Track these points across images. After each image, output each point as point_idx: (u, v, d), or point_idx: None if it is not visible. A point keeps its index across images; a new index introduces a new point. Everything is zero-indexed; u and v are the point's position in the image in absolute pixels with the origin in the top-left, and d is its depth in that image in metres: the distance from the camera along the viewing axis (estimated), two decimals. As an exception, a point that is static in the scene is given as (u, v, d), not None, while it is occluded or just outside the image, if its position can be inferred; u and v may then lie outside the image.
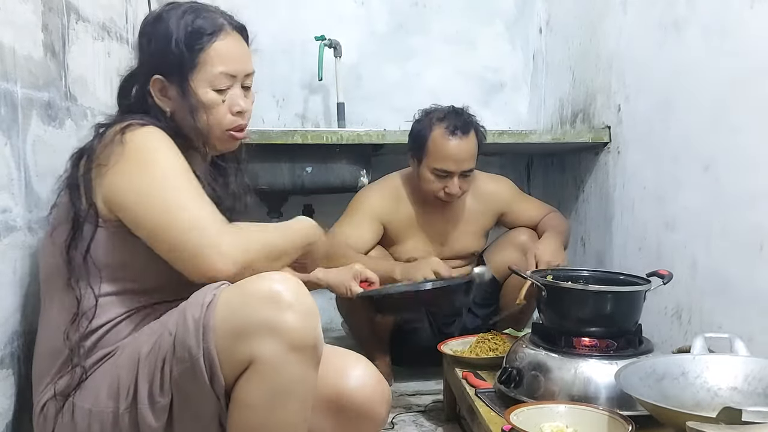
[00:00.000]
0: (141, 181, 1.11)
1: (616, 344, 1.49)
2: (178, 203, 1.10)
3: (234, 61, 1.23)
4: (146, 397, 1.07)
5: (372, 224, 2.12)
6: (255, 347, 1.01)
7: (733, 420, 0.98)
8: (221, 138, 1.25)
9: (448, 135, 1.99)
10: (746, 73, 1.53)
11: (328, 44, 2.79)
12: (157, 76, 1.21)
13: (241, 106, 1.24)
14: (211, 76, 1.21)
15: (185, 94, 1.20)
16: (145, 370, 1.07)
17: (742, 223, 1.54)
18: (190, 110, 1.20)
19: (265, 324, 1.01)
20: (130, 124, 1.14)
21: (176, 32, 1.19)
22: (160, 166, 1.12)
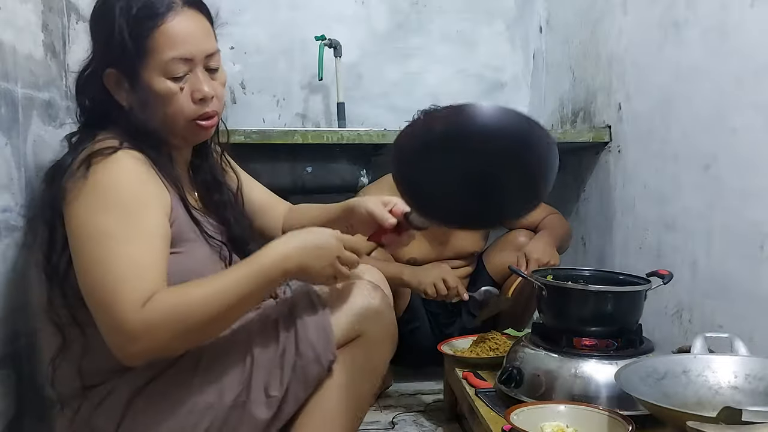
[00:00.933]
0: (85, 228, 1.02)
1: (616, 344, 1.49)
2: (99, 272, 0.99)
3: (188, 42, 1.09)
4: (262, 392, 1.10)
5: None
6: (364, 326, 1.17)
7: (734, 420, 0.98)
8: (187, 129, 1.14)
9: None
10: (746, 73, 1.52)
11: (328, 44, 2.79)
12: (110, 70, 1.10)
13: (202, 92, 1.11)
14: (162, 64, 1.08)
15: (136, 86, 1.09)
16: (260, 366, 1.11)
17: (742, 223, 1.54)
18: (146, 103, 1.10)
19: (373, 310, 1.19)
20: (98, 152, 1.04)
21: (118, 18, 1.07)
22: (109, 217, 1.01)
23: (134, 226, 1.02)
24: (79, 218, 1.02)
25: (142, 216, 1.03)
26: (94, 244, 1.00)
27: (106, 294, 0.99)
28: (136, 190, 1.04)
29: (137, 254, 1.01)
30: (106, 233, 1.00)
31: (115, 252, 1.00)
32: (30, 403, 1.26)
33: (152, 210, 1.05)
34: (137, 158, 1.07)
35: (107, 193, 1.02)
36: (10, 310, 1.21)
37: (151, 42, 1.07)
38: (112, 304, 0.98)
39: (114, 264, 0.99)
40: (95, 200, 1.02)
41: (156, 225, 1.05)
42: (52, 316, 1.08)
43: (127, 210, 1.02)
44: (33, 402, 1.27)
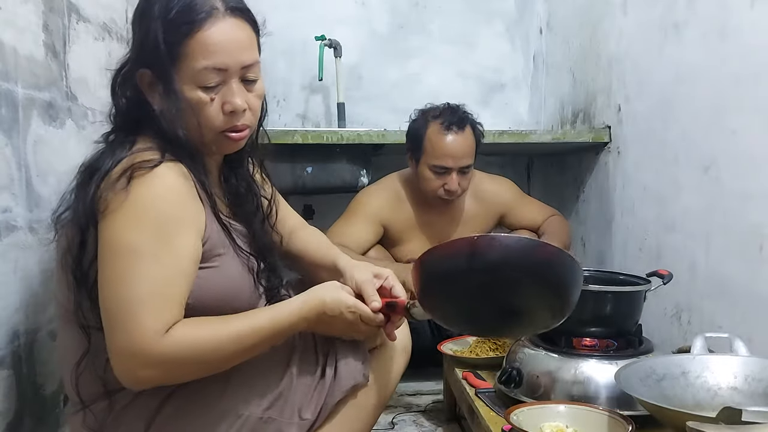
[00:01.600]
0: (115, 241, 0.98)
1: (616, 344, 1.49)
2: (123, 288, 0.97)
3: (223, 52, 1.04)
4: (296, 414, 1.12)
5: (371, 225, 2.12)
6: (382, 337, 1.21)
7: (733, 420, 0.98)
8: (215, 140, 1.10)
9: (444, 131, 2.00)
10: (746, 74, 1.53)
11: (328, 44, 2.79)
12: (145, 70, 1.06)
13: (233, 104, 1.06)
14: (193, 72, 1.03)
15: (168, 91, 1.04)
16: (298, 387, 1.13)
17: (742, 224, 1.54)
18: (176, 110, 1.04)
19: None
20: (140, 164, 1.00)
21: (155, 19, 1.03)
22: (142, 234, 0.98)
23: (166, 247, 0.99)
24: (113, 232, 0.99)
25: (176, 237, 1.01)
26: (121, 259, 0.98)
27: (126, 314, 0.97)
28: (174, 210, 1.01)
29: (164, 277, 0.99)
30: (136, 251, 0.98)
31: (142, 271, 0.98)
32: (30, 403, 1.26)
33: (187, 231, 1.03)
34: (178, 173, 1.03)
35: (146, 211, 0.99)
36: (10, 310, 1.21)
37: (185, 48, 1.03)
38: (132, 327, 0.96)
39: (138, 284, 0.97)
40: (132, 216, 0.98)
41: (188, 247, 1.02)
42: (79, 319, 1.06)
43: (162, 230, 0.99)
44: (33, 402, 1.27)
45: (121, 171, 1.00)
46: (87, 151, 1.51)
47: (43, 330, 1.33)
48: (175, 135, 1.05)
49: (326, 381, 1.15)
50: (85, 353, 1.07)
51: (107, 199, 0.98)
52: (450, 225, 2.20)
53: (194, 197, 1.05)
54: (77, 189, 1.06)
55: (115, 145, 1.08)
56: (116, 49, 1.73)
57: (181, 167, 1.05)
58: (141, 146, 1.06)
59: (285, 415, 1.12)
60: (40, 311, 1.31)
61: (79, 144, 1.48)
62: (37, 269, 1.30)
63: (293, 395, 1.13)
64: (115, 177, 0.99)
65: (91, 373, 1.08)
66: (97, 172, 1.02)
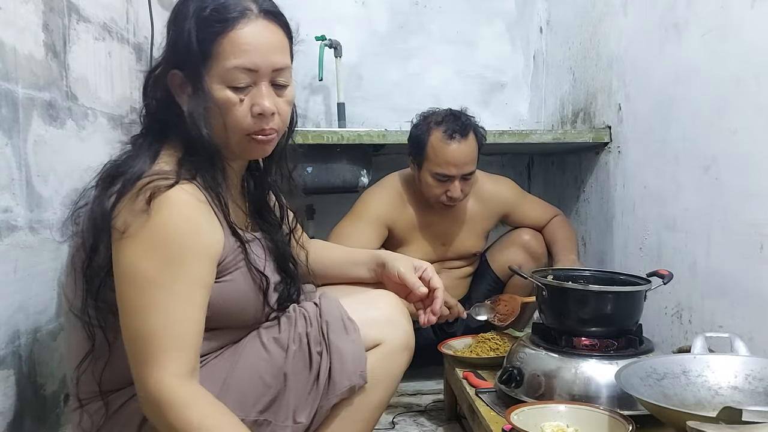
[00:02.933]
0: (138, 272, 0.98)
1: (616, 344, 1.49)
2: (144, 319, 0.98)
3: (255, 53, 1.04)
4: (290, 417, 1.12)
5: (376, 228, 2.11)
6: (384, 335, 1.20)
7: (734, 419, 0.98)
8: (241, 143, 1.09)
9: (447, 139, 1.98)
10: (746, 74, 1.53)
11: (328, 44, 2.79)
12: (175, 71, 1.06)
13: (262, 106, 1.05)
14: (224, 71, 1.03)
15: (198, 91, 1.04)
16: (292, 390, 1.13)
17: (742, 223, 1.54)
18: (204, 110, 1.04)
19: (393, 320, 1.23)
20: (158, 186, 0.99)
21: (190, 18, 1.03)
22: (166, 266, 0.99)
23: (183, 280, 1.00)
24: (129, 258, 0.99)
25: (191, 269, 1.01)
26: (139, 290, 0.98)
27: (146, 351, 0.98)
28: (190, 241, 1.01)
29: (183, 314, 1.00)
30: (152, 281, 0.98)
31: (160, 306, 0.98)
32: (30, 403, 1.26)
33: (202, 262, 1.03)
34: (194, 197, 1.03)
35: (163, 241, 0.99)
36: (11, 310, 1.21)
37: (217, 47, 1.03)
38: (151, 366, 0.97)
39: (157, 320, 0.98)
40: (148, 244, 0.98)
41: (203, 277, 1.03)
42: (84, 318, 1.07)
43: (178, 262, 0.99)
44: (33, 402, 1.28)
45: (139, 189, 0.99)
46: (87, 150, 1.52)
47: (43, 330, 1.33)
48: (200, 137, 1.05)
49: (321, 384, 1.14)
50: (88, 353, 1.08)
51: (127, 221, 0.98)
52: (452, 226, 2.20)
53: (211, 221, 1.05)
54: (98, 190, 1.05)
55: (141, 151, 1.07)
56: (116, 49, 1.73)
57: (196, 188, 1.04)
58: (163, 159, 1.06)
59: (279, 418, 1.12)
60: (40, 311, 1.31)
61: (79, 144, 1.48)
62: (37, 269, 1.30)
63: (288, 398, 1.13)
64: (134, 195, 0.99)
65: (90, 373, 1.09)
66: (119, 180, 1.02)
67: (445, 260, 2.22)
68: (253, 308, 1.14)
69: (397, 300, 1.27)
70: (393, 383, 1.25)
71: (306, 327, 1.17)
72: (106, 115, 1.65)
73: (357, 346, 1.17)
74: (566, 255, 2.11)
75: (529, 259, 2.18)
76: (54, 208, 1.36)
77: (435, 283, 1.28)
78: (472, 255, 2.26)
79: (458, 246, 2.22)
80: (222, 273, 1.08)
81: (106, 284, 1.03)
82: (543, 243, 2.22)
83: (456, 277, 2.24)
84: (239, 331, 1.16)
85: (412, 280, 1.26)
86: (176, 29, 1.06)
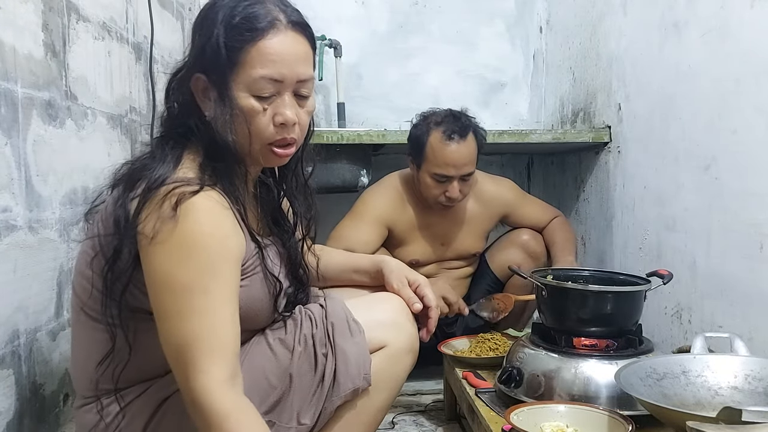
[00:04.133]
0: (172, 279, 0.99)
1: (616, 344, 1.49)
2: (191, 329, 0.98)
3: (281, 63, 1.05)
4: (294, 418, 1.13)
5: (377, 228, 2.11)
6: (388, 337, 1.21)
7: (733, 420, 0.98)
8: (262, 152, 1.10)
9: (446, 140, 1.97)
10: (746, 74, 1.52)
11: (328, 44, 2.79)
12: (200, 75, 1.07)
13: (285, 116, 1.06)
14: (250, 80, 1.04)
15: (222, 97, 1.05)
16: (297, 391, 1.13)
17: (742, 223, 1.54)
18: (227, 117, 1.05)
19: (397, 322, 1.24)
20: (182, 193, 1.00)
21: (219, 24, 1.04)
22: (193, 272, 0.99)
23: (220, 286, 1.01)
24: (163, 265, 0.99)
25: (225, 276, 1.02)
26: (176, 296, 0.99)
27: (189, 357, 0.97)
28: (221, 248, 1.02)
29: (222, 320, 1.00)
30: (190, 289, 0.99)
31: (199, 312, 0.99)
32: (30, 403, 1.26)
33: (232, 269, 1.04)
34: (219, 203, 1.03)
35: (197, 250, 0.99)
36: (10, 309, 1.21)
37: (244, 55, 1.04)
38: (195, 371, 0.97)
39: (196, 325, 0.98)
40: (182, 252, 0.99)
41: (234, 281, 1.04)
42: (105, 319, 1.07)
43: (213, 270, 1.00)
44: (33, 402, 1.28)
45: (165, 195, 1.00)
46: (86, 150, 1.52)
47: (43, 330, 1.33)
48: (224, 143, 1.05)
49: (325, 385, 1.14)
50: (108, 353, 1.08)
51: (156, 227, 0.98)
52: (452, 226, 2.20)
53: (235, 226, 1.06)
54: (118, 191, 1.06)
55: (163, 154, 1.08)
56: (116, 49, 1.73)
57: (219, 195, 1.04)
58: (186, 164, 1.07)
59: (283, 419, 1.13)
60: (39, 311, 1.31)
61: (78, 143, 1.48)
62: (36, 269, 1.30)
63: (292, 399, 1.13)
64: (159, 201, 0.99)
65: (109, 372, 1.10)
66: (141, 182, 1.03)
67: (444, 260, 2.22)
68: (265, 313, 1.15)
69: (402, 303, 1.28)
70: (396, 386, 1.25)
71: (312, 329, 1.17)
72: (106, 115, 1.65)
73: (361, 348, 1.17)
74: (564, 256, 2.11)
75: (528, 260, 2.18)
76: (53, 207, 1.36)
77: (428, 301, 1.28)
78: (472, 255, 2.26)
79: (458, 246, 2.22)
80: (241, 277, 1.08)
81: (128, 288, 1.04)
82: (542, 243, 2.22)
83: (455, 277, 2.23)
84: (247, 333, 1.15)
85: (408, 295, 1.28)
86: (203, 34, 1.06)
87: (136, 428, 1.10)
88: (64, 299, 1.41)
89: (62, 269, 1.40)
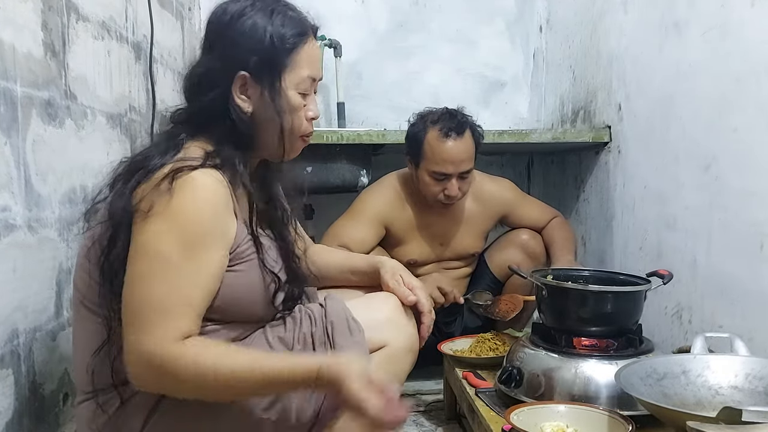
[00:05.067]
0: (146, 245, 1.03)
1: (616, 344, 1.49)
2: (149, 288, 1.02)
3: (317, 65, 1.21)
4: (294, 417, 1.12)
5: (374, 226, 2.11)
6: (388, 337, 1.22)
7: (734, 420, 0.98)
8: (295, 143, 1.21)
9: (443, 137, 1.98)
10: (747, 73, 1.52)
11: (328, 44, 2.79)
12: (243, 73, 1.13)
13: (315, 112, 1.21)
14: (299, 79, 1.16)
15: (276, 94, 1.14)
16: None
17: (742, 223, 1.54)
18: (278, 112, 1.14)
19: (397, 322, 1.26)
20: (181, 168, 1.05)
21: (270, 28, 1.14)
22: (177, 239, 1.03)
23: (195, 260, 1.04)
24: (149, 235, 1.03)
25: (205, 253, 1.05)
26: (149, 262, 1.02)
27: (142, 315, 1.01)
28: (209, 226, 1.06)
29: (187, 289, 1.04)
30: (165, 258, 1.02)
31: (165, 278, 1.02)
32: (29, 403, 1.26)
33: (217, 247, 1.07)
34: (217, 182, 1.07)
35: (183, 223, 1.03)
36: (10, 309, 1.21)
37: (296, 56, 1.16)
38: (144, 327, 1.00)
39: (158, 288, 1.02)
40: (170, 224, 1.03)
41: (215, 263, 1.07)
42: (103, 311, 1.09)
43: (194, 243, 1.04)
44: (32, 401, 1.27)
45: (165, 174, 1.04)
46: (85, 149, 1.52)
47: (43, 329, 1.32)
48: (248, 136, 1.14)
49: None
50: (103, 343, 1.10)
51: (152, 200, 1.03)
52: (451, 226, 2.20)
53: (229, 209, 1.09)
54: (119, 182, 1.09)
55: (167, 144, 1.12)
56: (116, 48, 1.73)
57: (218, 174, 1.08)
58: (190, 149, 1.11)
59: (282, 417, 1.13)
60: (39, 310, 1.31)
61: (78, 143, 1.48)
62: (35, 268, 1.30)
63: (291, 398, 1.13)
64: (159, 179, 1.04)
65: (106, 364, 1.10)
66: (141, 170, 1.07)
67: (443, 260, 2.22)
68: (261, 304, 1.16)
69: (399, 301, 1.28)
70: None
71: (311, 327, 1.18)
72: (105, 114, 1.64)
73: (361, 347, 1.17)
74: (563, 255, 2.11)
75: (527, 259, 2.18)
76: (53, 207, 1.36)
77: (421, 306, 1.30)
78: (471, 255, 2.26)
79: (457, 246, 2.22)
80: (234, 262, 1.11)
81: (122, 274, 1.06)
82: (541, 243, 2.21)
83: (454, 277, 2.23)
84: (246, 327, 1.16)
85: (402, 292, 1.29)
86: (251, 35, 1.14)
87: (137, 422, 1.10)
88: (64, 299, 1.41)
89: (61, 268, 1.40)
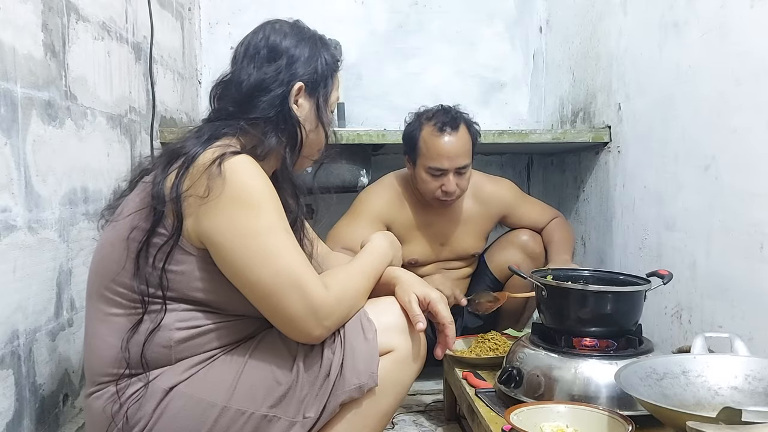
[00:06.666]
0: (245, 228, 1.09)
1: (616, 344, 1.49)
2: (280, 260, 1.10)
3: (339, 90, 1.35)
4: (300, 412, 1.14)
5: (374, 226, 2.11)
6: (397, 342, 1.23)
7: (733, 420, 0.98)
8: (316, 154, 1.34)
9: (438, 132, 1.99)
10: (746, 73, 1.52)
11: (328, 44, 2.79)
12: (300, 84, 1.24)
13: (334, 128, 1.35)
14: (333, 99, 1.32)
15: (318, 107, 1.28)
16: (303, 385, 1.14)
17: (742, 223, 1.54)
18: (319, 122, 1.28)
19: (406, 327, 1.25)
20: (224, 154, 1.10)
21: (324, 51, 1.29)
22: (265, 214, 1.11)
23: (278, 218, 1.13)
24: (233, 217, 1.09)
25: (278, 210, 1.14)
26: (263, 239, 1.10)
27: (297, 282, 1.10)
28: (269, 189, 1.14)
29: (295, 243, 1.15)
30: (268, 230, 1.11)
31: (285, 243, 1.12)
32: (29, 403, 1.26)
33: (279, 204, 1.16)
34: (255, 163, 1.15)
35: (251, 195, 1.10)
36: (10, 309, 1.21)
37: (333, 79, 1.31)
38: (307, 290, 1.10)
39: (289, 254, 1.11)
40: (244, 199, 1.09)
41: (284, 215, 1.16)
42: (136, 297, 1.11)
43: (266, 209, 1.12)
44: (32, 402, 1.27)
45: (207, 160, 1.10)
46: (86, 150, 1.52)
47: (43, 330, 1.33)
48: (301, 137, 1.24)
49: (331, 378, 1.15)
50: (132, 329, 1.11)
51: (209, 186, 1.08)
52: (450, 225, 2.20)
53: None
54: (158, 168, 1.14)
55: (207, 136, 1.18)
56: (116, 49, 1.73)
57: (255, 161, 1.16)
58: (225, 141, 1.18)
59: (289, 413, 1.14)
60: (39, 311, 1.31)
61: (78, 143, 1.48)
62: (36, 269, 1.30)
63: (298, 393, 1.14)
64: (203, 165, 1.09)
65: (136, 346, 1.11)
66: (182, 157, 1.12)
67: (443, 260, 2.22)
68: None
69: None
70: (402, 391, 1.26)
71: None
72: (105, 115, 1.65)
73: (371, 346, 1.18)
74: (559, 255, 2.11)
75: (527, 260, 2.18)
76: (53, 207, 1.36)
77: (442, 318, 1.27)
78: (471, 256, 2.26)
79: (456, 246, 2.22)
80: None
81: (170, 258, 1.10)
82: (541, 243, 2.22)
83: (454, 277, 2.23)
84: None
85: (414, 312, 1.25)
86: (312, 56, 1.27)
87: (150, 405, 1.11)
88: (64, 299, 1.41)
89: (62, 269, 1.40)
